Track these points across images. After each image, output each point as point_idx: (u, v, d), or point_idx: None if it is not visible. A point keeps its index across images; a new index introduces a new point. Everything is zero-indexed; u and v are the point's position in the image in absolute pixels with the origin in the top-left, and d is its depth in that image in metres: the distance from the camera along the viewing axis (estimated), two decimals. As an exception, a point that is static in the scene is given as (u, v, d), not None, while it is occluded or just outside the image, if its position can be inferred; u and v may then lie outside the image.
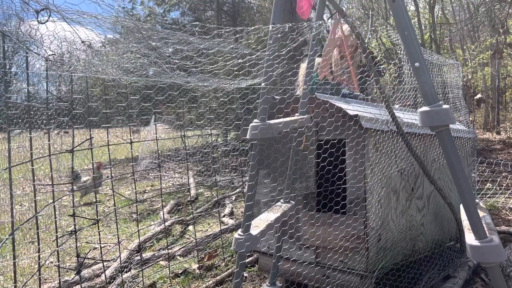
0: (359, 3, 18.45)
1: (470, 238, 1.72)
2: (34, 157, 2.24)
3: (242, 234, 1.89)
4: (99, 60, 2.39)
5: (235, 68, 1.77)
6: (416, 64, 1.69)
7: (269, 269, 2.74)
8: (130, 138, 3.41)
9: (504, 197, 5.62)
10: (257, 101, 1.83)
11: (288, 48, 1.81)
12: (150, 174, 9.49)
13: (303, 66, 4.08)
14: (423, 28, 15.92)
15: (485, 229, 1.73)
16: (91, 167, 6.44)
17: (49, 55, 2.16)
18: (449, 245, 3.59)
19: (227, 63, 1.72)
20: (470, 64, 15.81)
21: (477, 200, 1.84)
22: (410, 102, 3.62)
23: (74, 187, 6.39)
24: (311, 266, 2.74)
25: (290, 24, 1.71)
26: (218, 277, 3.45)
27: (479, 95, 13.13)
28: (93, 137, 2.62)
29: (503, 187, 5.98)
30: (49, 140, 2.23)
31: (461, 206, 1.94)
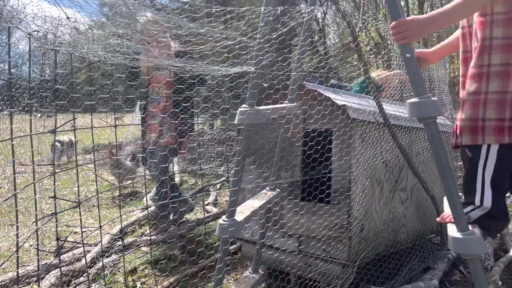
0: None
1: (452, 230, 1.74)
2: (15, 136, 2.18)
3: (226, 219, 1.88)
4: (85, 39, 2.33)
5: (225, 50, 1.74)
6: (407, 54, 1.68)
7: (252, 257, 2.73)
8: (115, 121, 3.34)
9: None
10: (245, 85, 1.80)
11: (279, 32, 1.78)
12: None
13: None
14: (412, 23, 15.93)
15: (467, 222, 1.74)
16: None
17: (32, 31, 2.09)
18: (430, 238, 3.64)
19: (217, 44, 1.68)
20: (456, 62, 15.96)
21: (460, 194, 1.85)
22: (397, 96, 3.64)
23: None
24: (294, 254, 2.75)
25: (282, 8, 1.68)
26: (200, 264, 3.44)
27: (464, 92, 13.25)
28: (76, 118, 2.56)
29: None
30: (30, 116, 2.16)
31: (445, 198, 1.95)
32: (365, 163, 2.66)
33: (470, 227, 1.72)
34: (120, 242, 3.79)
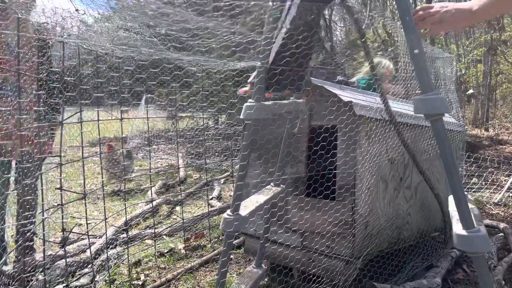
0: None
1: (457, 228, 1.73)
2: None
3: (231, 214, 1.88)
4: (93, 32, 2.33)
5: (233, 44, 1.74)
6: (415, 50, 1.68)
7: (255, 251, 2.74)
8: (121, 115, 3.36)
9: (489, 192, 5.70)
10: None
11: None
12: (139, 154, 9.43)
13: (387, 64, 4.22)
14: (419, 21, 15.80)
15: (473, 219, 1.74)
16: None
17: (42, 23, 2.10)
18: (434, 236, 3.64)
19: (225, 37, 1.69)
20: (464, 60, 15.86)
21: (465, 192, 1.85)
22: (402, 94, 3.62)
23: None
24: (297, 250, 2.76)
25: (290, 2, 1.68)
26: (204, 258, 3.46)
27: (470, 91, 13.19)
28: (83, 110, 2.58)
29: (488, 182, 6.06)
30: (38, 107, 2.17)
31: (450, 197, 1.94)
32: (371, 160, 2.66)
33: (475, 224, 1.72)
34: (124, 235, 3.82)
